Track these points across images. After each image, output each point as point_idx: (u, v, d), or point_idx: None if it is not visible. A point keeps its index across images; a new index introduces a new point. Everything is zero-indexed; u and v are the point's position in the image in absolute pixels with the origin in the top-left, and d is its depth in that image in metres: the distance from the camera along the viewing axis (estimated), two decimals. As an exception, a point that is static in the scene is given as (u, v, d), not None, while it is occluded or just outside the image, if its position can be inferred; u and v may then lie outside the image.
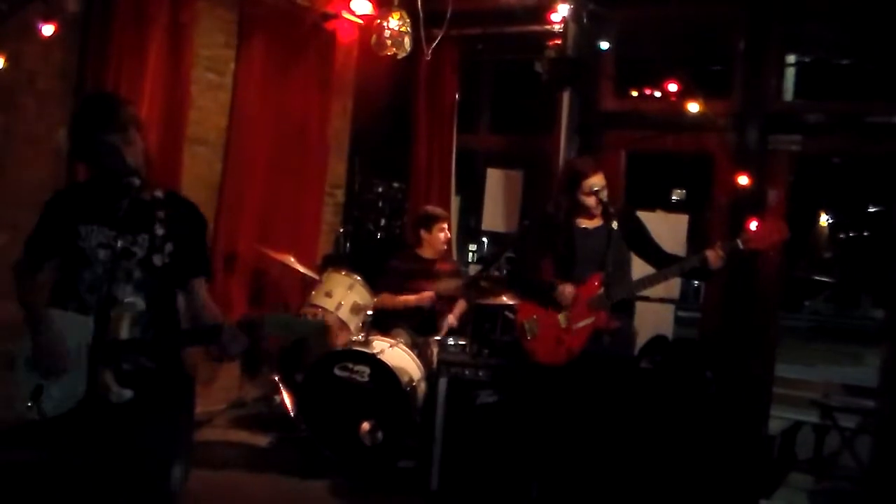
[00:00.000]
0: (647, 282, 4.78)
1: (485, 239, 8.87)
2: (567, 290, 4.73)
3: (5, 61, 5.06)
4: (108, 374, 2.94)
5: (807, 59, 7.58)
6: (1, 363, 3.19)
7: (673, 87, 6.90)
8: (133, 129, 3.06)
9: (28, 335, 3.07)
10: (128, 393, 2.96)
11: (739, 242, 4.57)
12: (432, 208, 6.88)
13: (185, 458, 4.99)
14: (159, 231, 3.06)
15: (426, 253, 6.71)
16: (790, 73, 7.28)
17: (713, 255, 4.58)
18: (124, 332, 2.98)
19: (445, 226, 6.76)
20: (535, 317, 4.85)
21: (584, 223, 4.89)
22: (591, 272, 4.75)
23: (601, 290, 4.72)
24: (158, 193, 3.10)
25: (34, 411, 3.01)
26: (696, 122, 6.73)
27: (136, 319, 3.01)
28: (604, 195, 4.80)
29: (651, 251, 4.96)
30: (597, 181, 4.80)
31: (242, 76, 6.91)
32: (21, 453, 4.84)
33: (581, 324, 4.73)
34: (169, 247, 3.09)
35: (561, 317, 4.77)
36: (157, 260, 3.06)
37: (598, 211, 4.84)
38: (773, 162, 6.75)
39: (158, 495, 3.14)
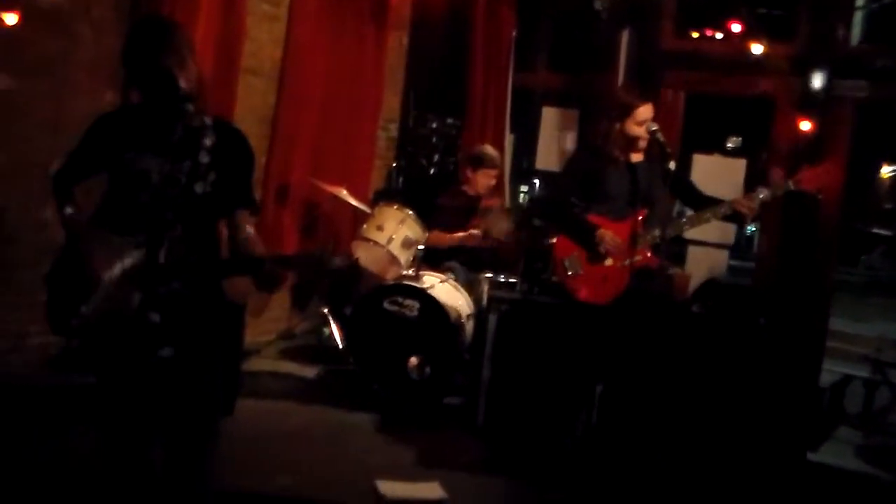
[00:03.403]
0: (688, 222, 4.73)
1: (536, 180, 8.78)
2: (608, 236, 4.66)
3: (62, -12, 5.06)
4: (138, 296, 2.92)
5: (875, 3, 7.34)
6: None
7: (735, 28, 6.75)
8: (187, 53, 3.00)
9: (64, 249, 3.04)
10: (156, 317, 2.94)
11: (790, 183, 4.52)
12: (486, 152, 6.71)
13: (230, 386, 5.09)
14: (204, 159, 3.00)
15: (471, 190, 6.66)
16: (858, 16, 7.06)
17: (742, 206, 4.54)
18: (161, 257, 2.94)
19: (493, 173, 6.68)
20: (574, 253, 4.79)
21: (632, 157, 4.80)
22: (634, 208, 4.69)
23: (645, 228, 4.66)
24: (207, 120, 3.04)
25: (68, 328, 3.01)
26: (758, 64, 6.58)
27: (174, 245, 2.96)
28: (652, 127, 4.70)
29: (690, 193, 4.89)
30: (646, 112, 4.71)
31: (298, 7, 6.85)
32: (69, 377, 5.01)
33: (625, 262, 4.67)
34: (212, 176, 3.02)
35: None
36: (199, 188, 2.99)
37: (645, 143, 4.75)
38: (837, 108, 6.59)
39: (197, 420, 3.14)
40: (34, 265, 5.26)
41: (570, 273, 4.78)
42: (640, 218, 4.66)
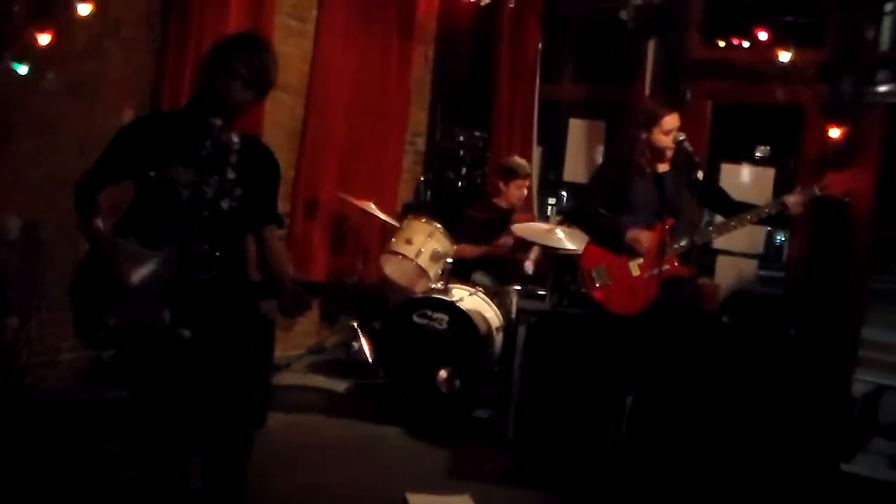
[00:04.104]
0: (722, 228, 4.68)
1: (564, 192, 8.76)
2: (642, 236, 4.64)
3: (93, 8, 5.12)
4: (167, 311, 2.94)
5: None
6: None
7: (762, 36, 6.71)
8: (257, 76, 3.01)
9: (87, 260, 3.05)
10: (187, 333, 2.96)
11: (816, 189, 4.48)
12: (517, 163, 6.69)
13: (259, 401, 5.11)
14: (230, 175, 3.03)
15: (503, 203, 6.65)
16: (887, 22, 7.00)
17: (793, 201, 4.48)
18: (188, 273, 2.96)
19: (525, 184, 6.67)
20: (603, 264, 4.77)
21: (659, 167, 4.78)
22: (660, 218, 4.66)
23: (672, 238, 4.63)
24: (235, 137, 3.08)
25: (96, 339, 3.03)
26: (786, 72, 6.54)
27: (202, 261, 2.99)
28: (679, 137, 4.66)
29: (721, 201, 4.86)
30: (672, 121, 4.67)
31: (325, 23, 6.90)
32: (101, 391, 5.05)
33: (653, 272, 4.64)
34: (238, 192, 3.05)
35: (632, 265, 4.70)
36: (225, 204, 3.02)
37: (671, 153, 4.72)
38: (867, 115, 6.53)
39: (232, 430, 3.16)
40: (66, 281, 5.34)
41: (597, 284, 4.74)
42: (668, 228, 4.64)
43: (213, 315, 3.02)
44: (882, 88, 6.51)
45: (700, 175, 4.62)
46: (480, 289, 6.25)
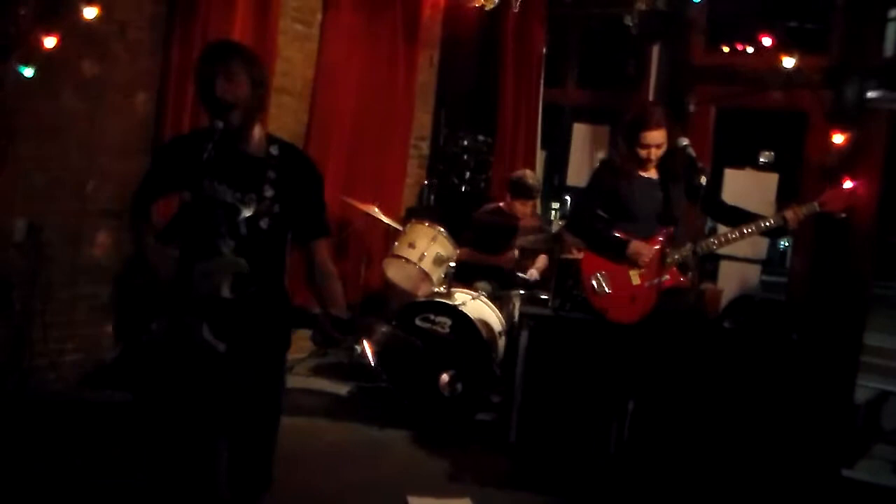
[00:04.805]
0: (722, 239, 4.65)
1: (568, 197, 8.76)
2: (644, 249, 4.60)
3: (99, 11, 5.14)
4: (205, 327, 2.95)
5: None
6: (90, 305, 3.25)
7: (766, 42, 6.71)
8: (239, 67, 2.96)
9: (131, 266, 3.09)
10: (222, 346, 2.97)
11: (816, 205, 4.47)
12: (530, 185, 6.60)
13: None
14: (268, 192, 3.01)
15: (508, 209, 6.67)
16: (891, 28, 7.00)
17: (792, 216, 4.48)
18: (225, 291, 2.96)
19: (531, 204, 6.67)
20: (603, 272, 4.72)
21: (643, 173, 4.72)
22: (656, 226, 4.65)
23: (673, 247, 4.61)
24: (273, 150, 3.06)
25: (137, 342, 3.04)
26: (790, 78, 6.54)
27: (239, 279, 2.99)
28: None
29: (722, 210, 4.83)
30: (654, 138, 4.57)
31: (329, 27, 6.92)
32: (104, 394, 5.06)
33: (654, 281, 4.63)
34: (276, 209, 3.03)
35: (632, 273, 4.66)
36: (264, 223, 3.02)
37: (652, 164, 4.68)
38: (871, 120, 6.53)
39: (262, 433, 3.21)
40: (70, 284, 5.37)
41: (597, 292, 4.70)
42: (665, 238, 4.61)
43: (248, 331, 3.02)
44: (886, 94, 6.50)
45: (704, 180, 4.59)
46: (483, 293, 6.25)
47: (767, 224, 4.58)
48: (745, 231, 4.61)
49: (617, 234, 4.67)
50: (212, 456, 3.13)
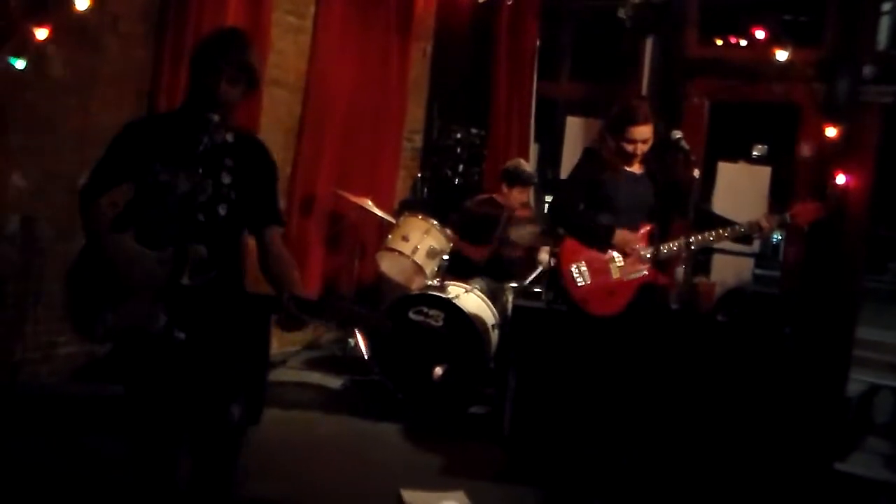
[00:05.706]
0: (700, 241, 4.60)
1: (558, 189, 8.74)
2: (631, 237, 4.57)
3: (91, 3, 5.11)
4: (163, 315, 2.93)
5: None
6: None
7: (760, 35, 6.71)
8: (242, 73, 3.00)
9: (83, 256, 3.06)
10: (181, 335, 2.95)
11: (787, 216, 4.52)
12: (526, 172, 6.63)
13: (255, 398, 5.12)
14: (225, 179, 3.02)
15: (502, 200, 6.64)
16: (884, 21, 7.01)
17: (765, 225, 4.52)
18: (185, 278, 2.94)
19: (528, 191, 6.68)
20: (583, 262, 4.65)
21: (628, 167, 4.67)
22: (638, 221, 4.64)
23: (651, 243, 4.59)
24: (229, 137, 3.05)
25: (92, 333, 3.03)
26: (784, 71, 6.55)
27: (198, 266, 2.97)
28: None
29: (701, 214, 4.80)
30: (640, 133, 4.52)
31: (323, 19, 6.90)
32: (95, 387, 5.05)
33: (634, 275, 4.62)
34: (233, 195, 3.04)
35: (613, 266, 4.62)
36: (221, 209, 3.01)
37: (637, 160, 4.66)
38: (864, 114, 6.54)
39: (215, 433, 3.15)
40: (63, 278, 5.34)
41: (579, 283, 4.67)
42: (647, 235, 4.61)
43: (207, 319, 3.01)
44: (879, 88, 6.52)
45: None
46: (476, 286, 6.25)
47: (742, 230, 4.61)
48: (723, 234, 4.63)
49: (604, 223, 4.64)
50: (172, 448, 3.13)
